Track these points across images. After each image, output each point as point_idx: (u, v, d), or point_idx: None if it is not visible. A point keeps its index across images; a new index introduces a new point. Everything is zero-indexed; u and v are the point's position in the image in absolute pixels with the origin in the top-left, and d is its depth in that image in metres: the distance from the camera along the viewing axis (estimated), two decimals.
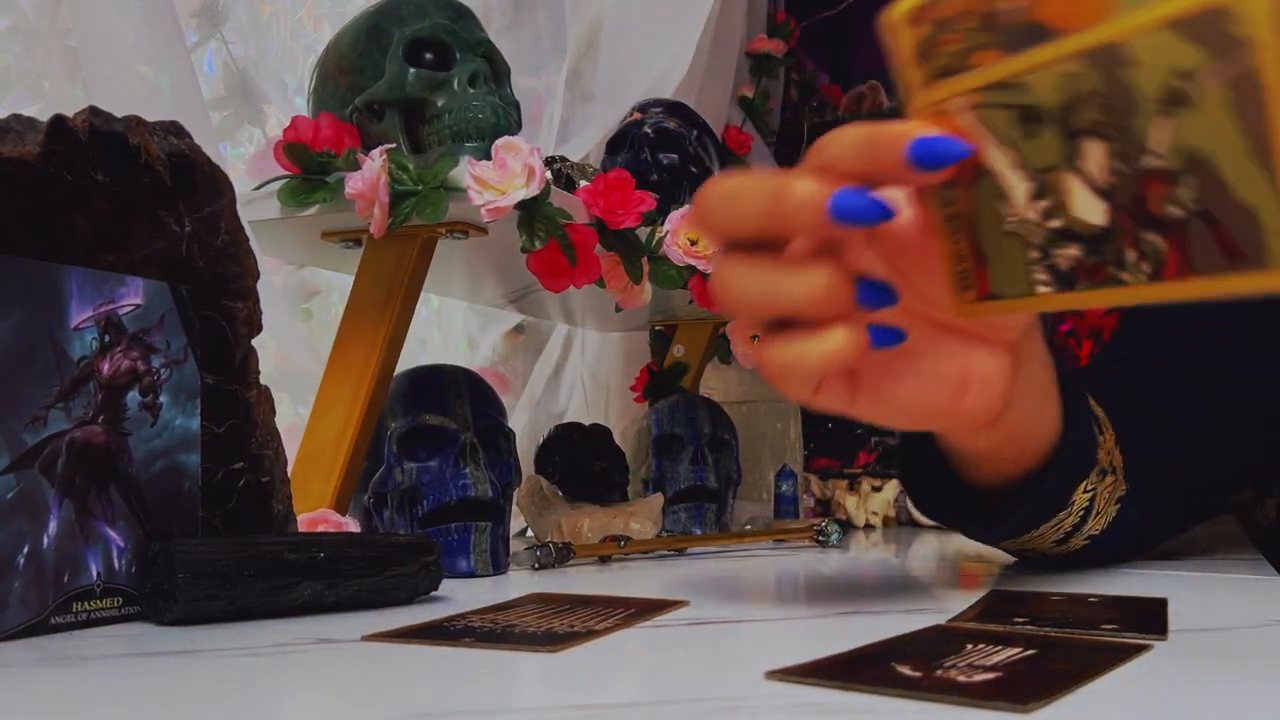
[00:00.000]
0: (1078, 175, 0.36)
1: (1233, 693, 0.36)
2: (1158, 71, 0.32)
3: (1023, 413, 0.53)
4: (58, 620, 0.48)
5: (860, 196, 0.40)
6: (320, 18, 1.21)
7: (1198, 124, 0.32)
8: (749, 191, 0.42)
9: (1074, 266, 0.38)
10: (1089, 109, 0.35)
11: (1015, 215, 0.39)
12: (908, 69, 0.41)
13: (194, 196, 0.57)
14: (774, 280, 0.42)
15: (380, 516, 0.77)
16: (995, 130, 0.38)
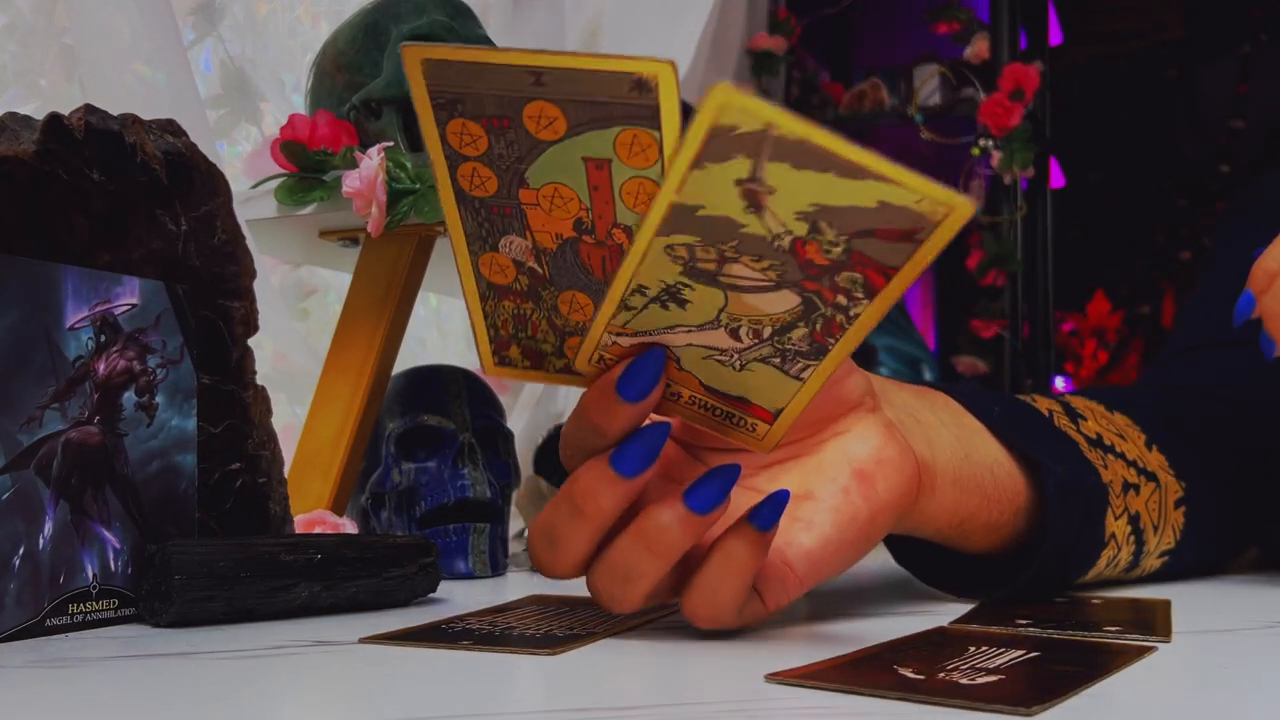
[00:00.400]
0: (746, 294, 0.39)
1: (1238, 695, 0.36)
2: (726, 191, 0.36)
3: (959, 470, 0.49)
4: (53, 622, 0.48)
5: (631, 446, 0.42)
6: (318, 15, 1.21)
7: (788, 192, 0.35)
8: (559, 526, 0.44)
9: (811, 337, 0.40)
10: (704, 255, 0.38)
11: (733, 353, 0.41)
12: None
13: (191, 195, 0.56)
14: (629, 562, 0.43)
15: (378, 517, 0.77)
16: (658, 325, 0.41)
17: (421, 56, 0.39)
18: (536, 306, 0.44)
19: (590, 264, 0.42)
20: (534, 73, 0.38)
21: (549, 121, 0.39)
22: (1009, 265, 1.96)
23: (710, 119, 0.34)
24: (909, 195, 0.35)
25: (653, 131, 0.38)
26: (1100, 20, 3.25)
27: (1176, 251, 3.43)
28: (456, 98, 0.39)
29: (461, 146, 0.40)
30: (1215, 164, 3.39)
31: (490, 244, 0.43)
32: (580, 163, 0.40)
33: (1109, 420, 0.59)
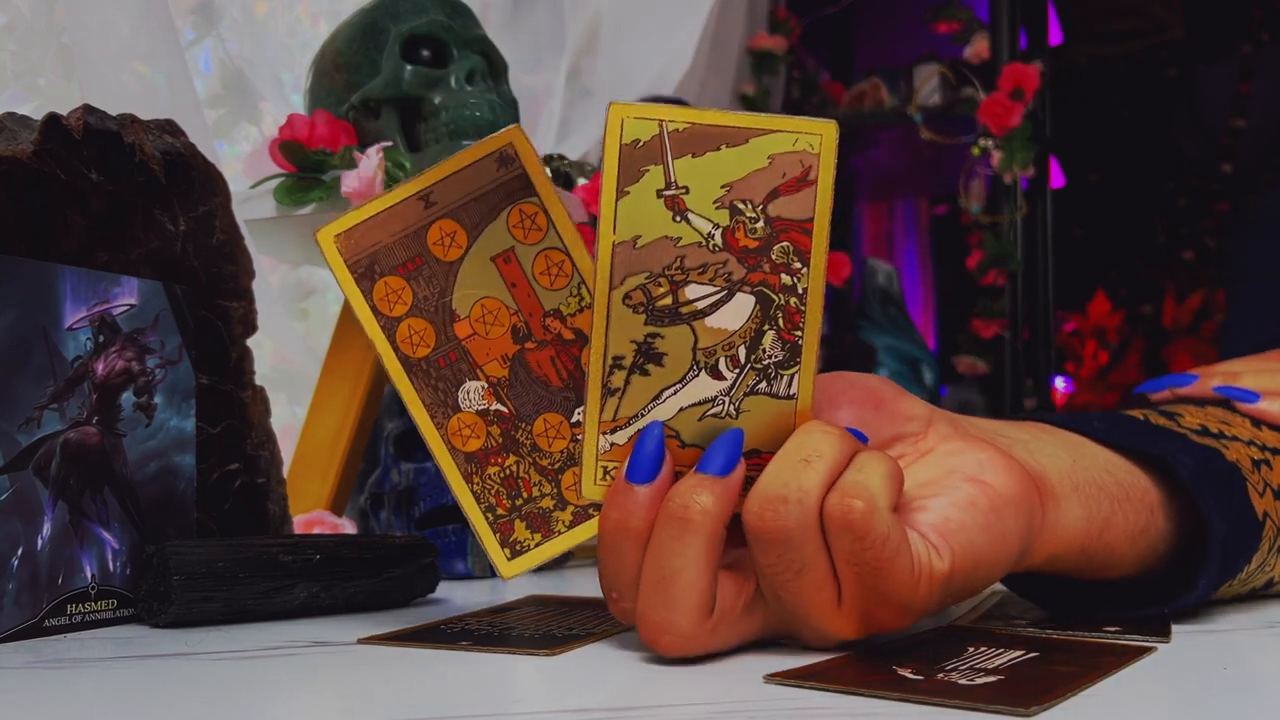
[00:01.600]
0: (709, 317, 0.41)
1: (1236, 695, 0.36)
2: (652, 209, 0.40)
3: (1073, 475, 0.46)
4: (52, 623, 0.48)
5: (635, 456, 0.41)
6: (317, 15, 1.21)
7: (700, 184, 0.40)
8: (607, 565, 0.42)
9: (780, 338, 0.41)
10: (658, 291, 0.41)
11: (722, 398, 0.42)
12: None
13: (189, 195, 0.56)
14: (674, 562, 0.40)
15: (377, 518, 0.77)
16: (645, 399, 0.41)
17: (333, 234, 0.44)
18: (519, 457, 0.45)
19: (544, 373, 0.45)
20: (422, 196, 0.44)
21: (450, 238, 0.44)
22: (1009, 265, 1.96)
23: (617, 137, 0.40)
24: (787, 139, 0.40)
25: (532, 199, 0.44)
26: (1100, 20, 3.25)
27: (1177, 251, 3.43)
28: (371, 259, 0.45)
29: (391, 309, 0.45)
30: (1216, 164, 3.39)
31: (451, 406, 0.45)
32: (491, 265, 0.45)
33: (1204, 413, 0.55)
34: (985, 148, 1.90)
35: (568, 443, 0.45)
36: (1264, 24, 3.30)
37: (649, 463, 0.40)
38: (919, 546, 0.40)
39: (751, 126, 0.40)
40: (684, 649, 0.40)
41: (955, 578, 0.40)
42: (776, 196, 0.40)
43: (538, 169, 0.44)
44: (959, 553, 0.40)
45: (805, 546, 0.39)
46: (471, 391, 0.45)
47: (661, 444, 0.41)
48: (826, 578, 0.39)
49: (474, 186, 0.44)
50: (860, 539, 0.38)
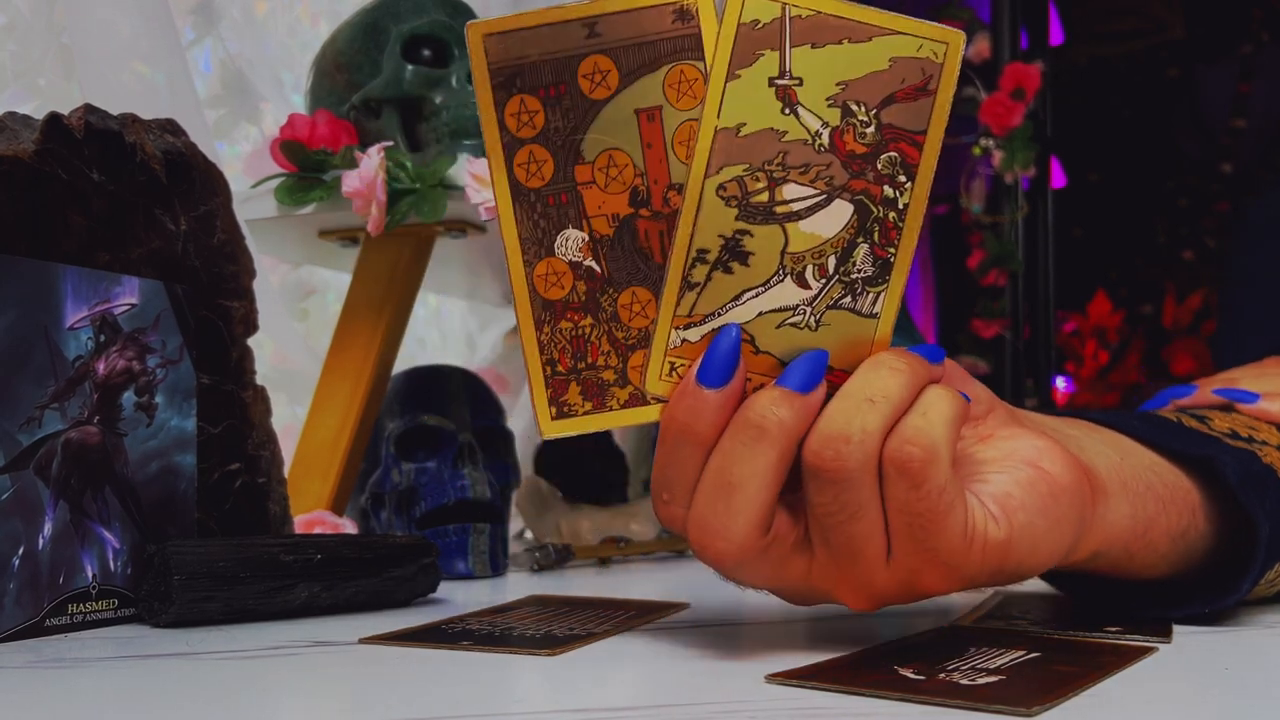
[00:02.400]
0: (803, 220, 0.40)
1: (1238, 695, 0.36)
2: (762, 97, 0.39)
3: (1121, 473, 0.46)
4: (53, 622, 0.48)
5: (708, 358, 0.39)
6: (317, 15, 1.21)
7: (814, 77, 0.39)
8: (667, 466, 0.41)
9: (872, 253, 0.41)
10: (754, 186, 0.39)
11: (805, 307, 0.41)
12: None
13: (190, 195, 0.56)
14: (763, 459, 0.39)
15: (378, 518, 0.77)
16: (724, 298, 0.40)
17: (484, 32, 0.41)
18: (595, 321, 0.43)
19: (649, 245, 0.42)
20: (588, 23, 0.41)
21: (602, 77, 0.41)
22: (1010, 265, 1.96)
23: (736, 14, 0.38)
24: (912, 43, 0.39)
25: (697, 63, 0.41)
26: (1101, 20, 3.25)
27: (1178, 251, 3.43)
28: (515, 71, 0.41)
29: (519, 129, 0.42)
30: (1216, 164, 3.38)
31: (546, 247, 0.42)
32: (633, 118, 0.42)
33: (1231, 418, 0.55)
34: (986, 147, 1.90)
35: (649, 322, 0.43)
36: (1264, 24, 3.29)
37: (722, 366, 0.39)
38: (975, 509, 0.39)
39: (877, 24, 0.39)
40: (733, 558, 0.39)
41: (1012, 554, 0.40)
42: (892, 102, 0.39)
43: (714, 35, 0.41)
44: (1018, 529, 0.40)
45: (863, 489, 0.38)
46: (571, 240, 0.42)
47: (738, 348, 0.39)
48: (878, 525, 0.39)
49: (643, 30, 0.41)
50: (916, 487, 0.37)
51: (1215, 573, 0.49)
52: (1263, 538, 0.46)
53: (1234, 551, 0.48)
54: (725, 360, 0.39)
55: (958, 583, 0.40)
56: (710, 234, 0.39)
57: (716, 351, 0.39)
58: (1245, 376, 0.59)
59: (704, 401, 0.39)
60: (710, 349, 0.39)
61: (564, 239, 0.42)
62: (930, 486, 0.37)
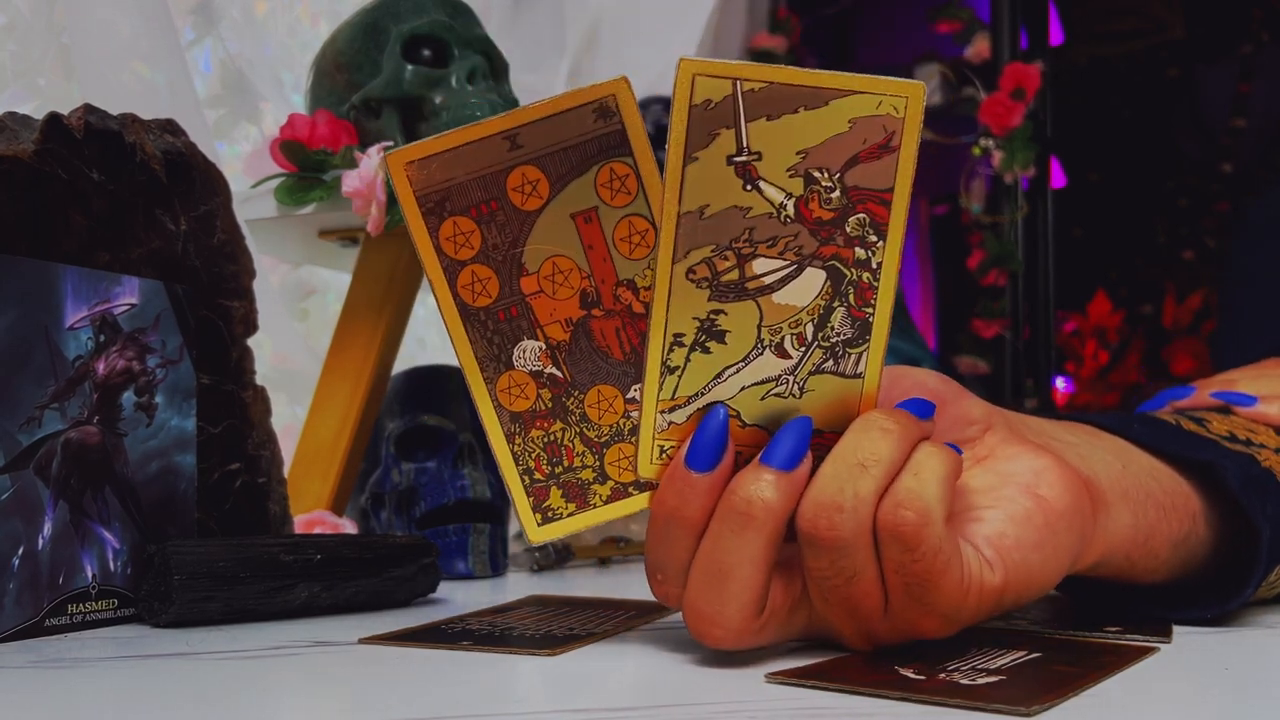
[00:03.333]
0: (776, 293, 0.40)
1: (1237, 695, 0.36)
2: (722, 176, 0.38)
3: (1122, 482, 0.46)
4: (53, 622, 0.48)
5: (696, 441, 0.39)
6: (317, 14, 1.20)
7: (773, 150, 0.38)
8: (657, 551, 0.41)
9: (850, 315, 0.40)
10: (724, 265, 0.39)
11: (787, 377, 0.40)
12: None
13: (190, 195, 0.56)
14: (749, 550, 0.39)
15: (378, 518, 0.77)
16: (706, 378, 0.40)
17: (404, 161, 0.41)
18: (565, 424, 0.43)
19: (606, 343, 0.43)
20: (509, 136, 0.41)
21: (532, 186, 0.41)
22: (1010, 265, 1.96)
23: (686, 98, 0.37)
24: (870, 101, 0.38)
25: (626, 160, 0.41)
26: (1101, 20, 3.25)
27: (1178, 251, 3.43)
28: (443, 195, 0.41)
29: (457, 251, 0.42)
30: (1217, 164, 3.38)
31: (504, 362, 0.43)
32: (570, 223, 0.42)
33: (1229, 420, 0.55)
34: (986, 148, 1.90)
35: (619, 417, 0.43)
36: (1264, 24, 3.29)
37: (710, 450, 0.39)
38: (971, 559, 0.39)
39: (832, 86, 0.38)
40: (732, 643, 0.39)
41: (1008, 593, 0.40)
42: (856, 164, 0.38)
43: (639, 127, 0.41)
44: (1013, 569, 0.40)
45: (858, 554, 0.38)
46: (528, 351, 0.43)
47: (725, 431, 0.39)
48: (875, 586, 0.39)
49: (566, 135, 0.41)
50: (910, 550, 0.38)
51: (1216, 577, 0.49)
52: (1264, 543, 0.46)
53: (1235, 556, 0.48)
54: (712, 443, 0.39)
55: (956, 627, 0.40)
56: (684, 317, 0.39)
57: (703, 435, 0.39)
58: (1244, 378, 0.59)
59: (692, 486, 0.39)
60: (697, 433, 0.39)
61: (521, 350, 0.43)
62: (925, 549, 0.38)
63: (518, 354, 0.43)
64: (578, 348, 0.43)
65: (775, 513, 0.38)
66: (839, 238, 0.39)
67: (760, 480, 0.38)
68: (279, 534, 0.60)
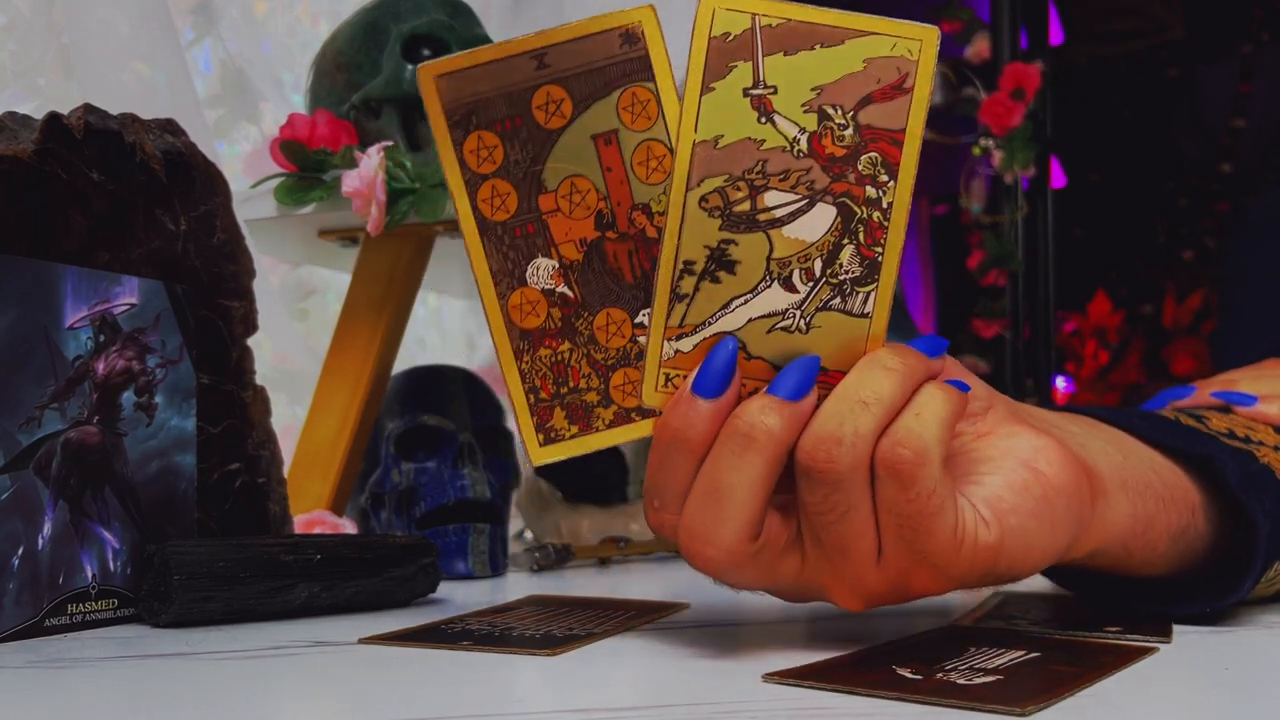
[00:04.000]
0: (786, 226, 0.40)
1: (1237, 695, 0.36)
2: (738, 108, 0.39)
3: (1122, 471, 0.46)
4: (52, 622, 0.48)
5: (704, 369, 0.40)
6: (317, 14, 1.21)
7: (789, 84, 0.39)
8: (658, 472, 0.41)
9: (859, 253, 0.41)
10: (736, 195, 0.40)
11: (794, 311, 0.41)
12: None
13: (190, 195, 0.56)
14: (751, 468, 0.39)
15: (377, 518, 0.77)
16: (714, 307, 0.40)
17: (434, 74, 0.42)
18: (573, 344, 0.43)
19: (618, 266, 0.43)
20: (536, 55, 0.41)
21: (556, 106, 0.42)
22: (1010, 265, 1.96)
23: (706, 29, 0.38)
24: (885, 42, 0.39)
25: (648, 84, 0.42)
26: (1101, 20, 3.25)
27: (1178, 251, 3.43)
28: (470, 109, 0.42)
29: (479, 165, 0.42)
30: (1216, 164, 3.38)
31: (517, 278, 0.43)
32: (590, 144, 0.42)
33: (1228, 418, 0.55)
34: (986, 148, 1.90)
35: (626, 341, 0.44)
36: (1264, 24, 3.29)
37: (718, 377, 0.39)
38: (967, 512, 0.39)
39: (849, 26, 0.39)
40: (723, 564, 0.39)
41: (1003, 557, 0.40)
42: (869, 103, 0.39)
43: (662, 54, 0.42)
44: (1009, 532, 0.40)
45: (853, 490, 0.38)
46: (541, 268, 0.43)
47: (733, 360, 0.40)
48: (869, 525, 0.39)
49: (592, 58, 0.42)
50: (906, 488, 0.38)
51: (1215, 572, 0.49)
52: (1262, 539, 0.46)
53: (1233, 551, 0.49)
54: (721, 372, 0.39)
55: (948, 584, 0.40)
56: (695, 245, 0.40)
57: (713, 363, 0.40)
58: (1244, 378, 0.59)
59: (698, 411, 0.39)
60: (707, 360, 0.40)
61: (535, 268, 0.43)
62: (920, 488, 0.38)
63: (531, 271, 0.43)
64: (590, 269, 0.43)
65: (777, 438, 0.38)
66: (851, 175, 0.40)
67: (765, 407, 0.39)
68: (279, 534, 0.60)
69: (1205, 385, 0.60)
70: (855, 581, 0.40)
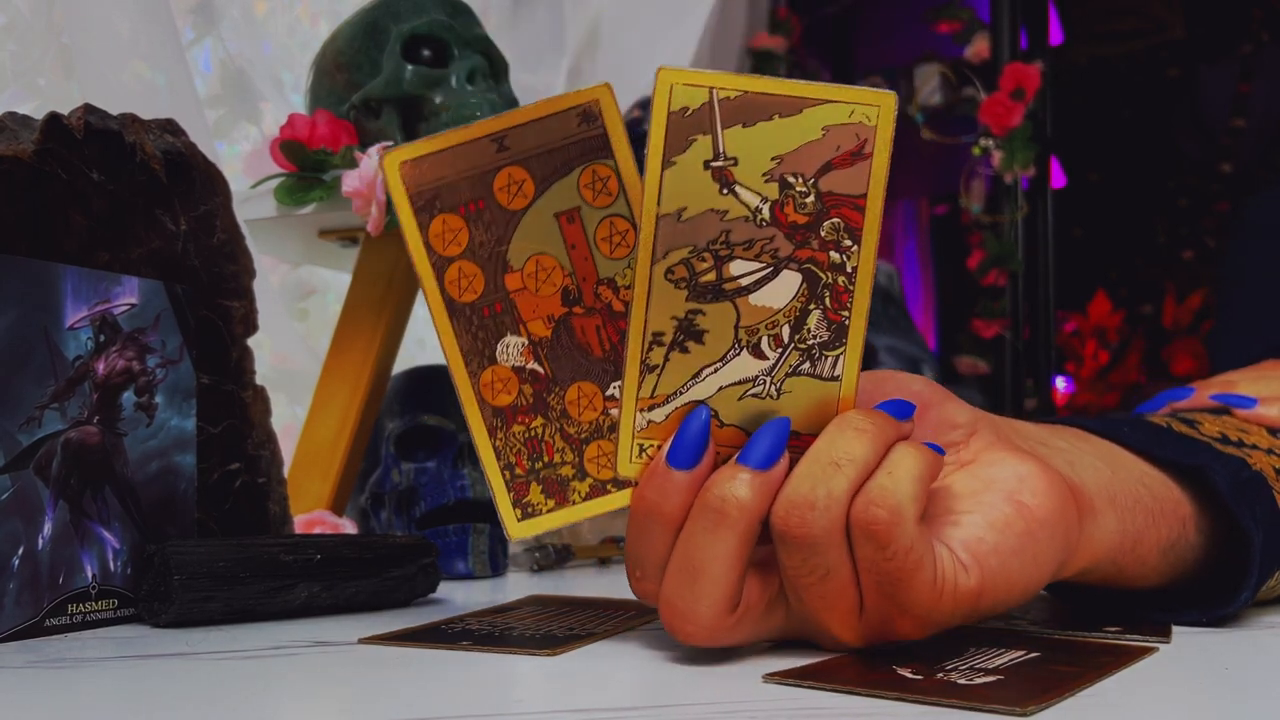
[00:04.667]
0: (752, 294, 0.40)
1: (1236, 696, 0.36)
2: (699, 181, 0.39)
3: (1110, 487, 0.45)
4: (53, 623, 0.48)
5: (678, 439, 0.40)
6: (317, 14, 1.21)
7: (749, 155, 0.39)
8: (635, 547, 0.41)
9: (826, 318, 0.41)
10: (701, 266, 0.40)
11: (764, 377, 0.41)
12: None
13: (190, 195, 0.56)
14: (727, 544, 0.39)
15: (377, 517, 0.77)
16: (684, 378, 0.41)
17: (399, 160, 0.43)
18: (546, 420, 0.44)
19: (587, 340, 0.44)
20: (496, 139, 0.43)
21: (518, 186, 0.43)
22: (1010, 265, 1.96)
23: (664, 105, 0.39)
24: (843, 110, 0.39)
25: (608, 162, 0.43)
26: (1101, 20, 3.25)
27: (1178, 251, 3.43)
28: (434, 193, 0.43)
29: (445, 248, 0.44)
30: (1217, 164, 3.38)
31: (488, 357, 0.44)
32: (553, 222, 0.43)
33: (1221, 421, 0.55)
34: (986, 148, 1.90)
35: (598, 415, 0.44)
36: (1264, 24, 3.29)
37: (691, 448, 0.40)
38: (945, 561, 0.39)
39: (806, 96, 0.39)
40: (705, 640, 0.40)
41: (985, 598, 0.40)
42: (829, 170, 0.40)
43: (620, 132, 0.43)
44: (989, 574, 0.40)
45: (830, 552, 0.38)
46: (511, 346, 0.44)
47: (706, 430, 0.40)
48: (849, 584, 0.39)
49: (551, 138, 0.43)
50: (882, 548, 0.38)
51: (1210, 581, 0.49)
52: (1256, 549, 0.46)
53: (1228, 562, 0.48)
54: (695, 442, 0.40)
55: (932, 629, 0.40)
56: (663, 317, 0.40)
57: (686, 434, 0.40)
58: (1243, 380, 0.59)
59: (673, 482, 0.39)
60: (680, 431, 0.40)
61: (504, 346, 0.44)
62: (896, 547, 0.38)
63: (501, 349, 0.44)
64: (559, 344, 0.44)
65: (749, 511, 0.38)
66: (814, 241, 0.40)
67: (736, 479, 0.39)
68: (279, 534, 0.60)
69: (1204, 386, 0.60)
70: (840, 632, 0.41)
